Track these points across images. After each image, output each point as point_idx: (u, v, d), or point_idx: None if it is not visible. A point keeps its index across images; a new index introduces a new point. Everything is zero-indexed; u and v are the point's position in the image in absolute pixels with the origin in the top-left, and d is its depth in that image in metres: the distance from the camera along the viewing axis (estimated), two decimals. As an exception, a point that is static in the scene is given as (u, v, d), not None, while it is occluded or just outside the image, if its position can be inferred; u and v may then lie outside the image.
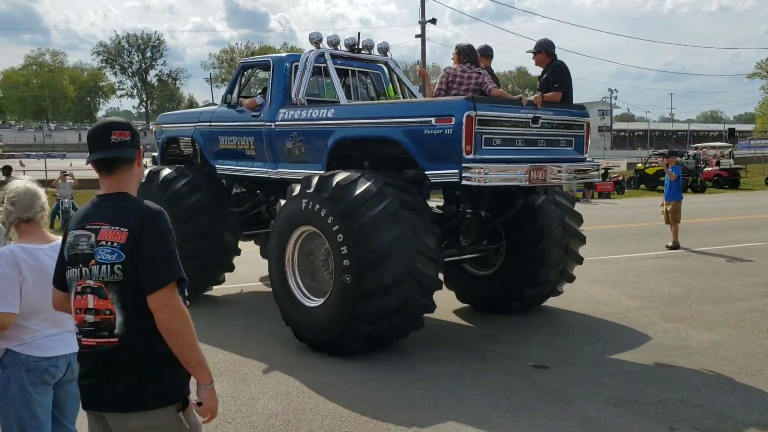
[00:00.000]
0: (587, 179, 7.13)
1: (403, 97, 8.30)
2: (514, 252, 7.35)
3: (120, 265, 2.30)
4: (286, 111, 7.35)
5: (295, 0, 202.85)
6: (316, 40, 7.55)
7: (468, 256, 7.31)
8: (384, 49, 8.16)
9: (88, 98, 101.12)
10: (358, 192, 5.80)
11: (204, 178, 8.24)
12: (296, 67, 7.52)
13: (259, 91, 8.16)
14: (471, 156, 5.69)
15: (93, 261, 2.32)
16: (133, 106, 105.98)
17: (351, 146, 6.89)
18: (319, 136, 6.94)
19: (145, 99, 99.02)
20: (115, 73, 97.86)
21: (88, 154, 2.43)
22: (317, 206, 6.02)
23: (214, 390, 2.42)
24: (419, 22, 31.42)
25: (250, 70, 8.41)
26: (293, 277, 6.48)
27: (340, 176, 6.02)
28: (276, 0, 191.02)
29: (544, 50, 6.79)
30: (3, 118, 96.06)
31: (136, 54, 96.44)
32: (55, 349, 3.12)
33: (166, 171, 8.15)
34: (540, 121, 6.21)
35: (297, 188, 6.40)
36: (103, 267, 2.32)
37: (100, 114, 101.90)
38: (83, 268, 2.35)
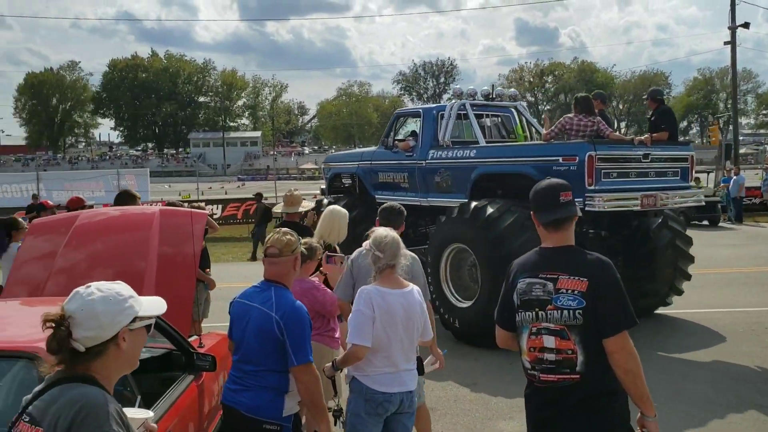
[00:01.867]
0: (691, 203, 8.35)
1: (530, 135, 9.86)
2: (629, 268, 8.64)
3: (581, 311, 2.51)
4: (435, 151, 9.11)
5: (586, 12, 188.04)
6: (457, 93, 9.31)
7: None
8: (513, 97, 9.80)
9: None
10: (491, 210, 7.43)
11: (361, 204, 10.17)
12: (441, 115, 9.28)
13: (409, 135, 9.99)
14: (592, 187, 7.13)
15: (551, 306, 2.56)
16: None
17: (488, 179, 8.51)
18: (464, 172, 8.61)
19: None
20: (412, 99, 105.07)
21: (535, 210, 2.73)
22: (464, 227, 7.69)
23: (657, 422, 2.59)
24: (729, 27, 28.06)
25: (403, 118, 10.30)
26: (447, 285, 8.16)
27: (480, 203, 7.67)
28: (565, 14, 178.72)
29: (656, 96, 8.18)
30: (318, 143, 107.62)
31: (431, 80, 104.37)
32: (390, 386, 3.40)
33: (328, 199, 10.20)
34: (650, 156, 7.56)
35: (443, 217, 8.11)
36: (565, 312, 2.54)
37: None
38: (539, 312, 2.59)
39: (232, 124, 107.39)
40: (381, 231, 3.58)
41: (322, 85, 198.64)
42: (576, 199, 7.15)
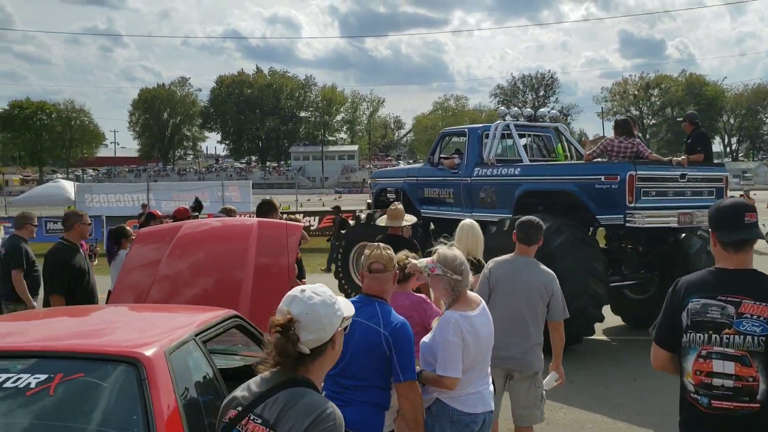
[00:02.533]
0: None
1: (571, 155, 10.38)
2: (665, 278, 9.09)
3: (765, 338, 2.43)
4: (480, 169, 9.67)
5: (695, 23, 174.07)
6: (502, 115, 9.90)
7: (629, 282, 9.17)
8: (554, 118, 10.36)
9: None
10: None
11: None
12: (486, 134, 9.85)
13: (453, 152, 10.57)
14: (633, 204, 7.63)
15: (728, 330, 2.47)
16: (525, 144, 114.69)
17: (531, 196, 9.03)
18: (508, 188, 9.15)
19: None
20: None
21: (716, 229, 2.63)
22: (504, 239, 8.19)
23: None
24: None
25: (448, 137, 10.89)
26: (492, 294, 8.69)
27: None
28: (673, 26, 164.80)
29: (693, 120, 8.66)
30: (414, 157, 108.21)
31: (529, 93, 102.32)
32: (475, 407, 3.36)
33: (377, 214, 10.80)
34: (687, 177, 8.05)
35: (494, 228, 8.65)
36: (748, 337, 2.45)
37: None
38: (713, 335, 2.49)
39: (330, 138, 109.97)
40: (448, 251, 3.39)
41: (419, 99, 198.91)
42: (617, 216, 7.78)
